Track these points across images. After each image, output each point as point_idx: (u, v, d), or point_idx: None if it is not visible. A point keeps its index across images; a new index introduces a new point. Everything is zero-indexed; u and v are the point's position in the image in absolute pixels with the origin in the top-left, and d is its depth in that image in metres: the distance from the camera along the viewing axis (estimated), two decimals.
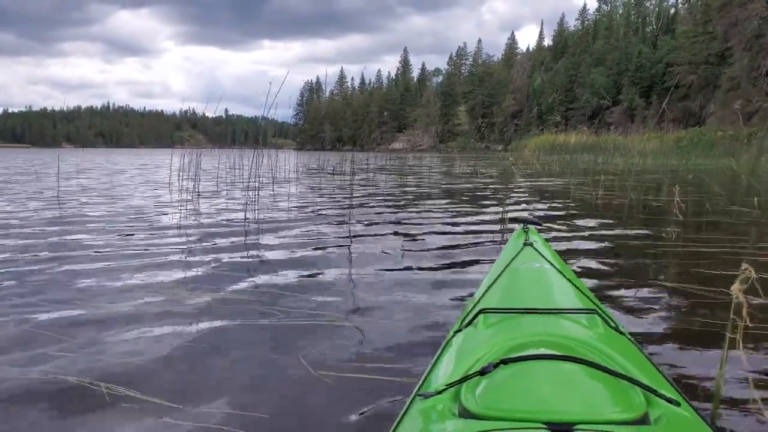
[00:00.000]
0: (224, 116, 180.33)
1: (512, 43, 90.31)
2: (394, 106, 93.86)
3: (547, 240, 2.17)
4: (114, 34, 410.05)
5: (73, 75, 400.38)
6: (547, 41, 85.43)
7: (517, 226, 2.17)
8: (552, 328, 1.16)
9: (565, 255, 3.87)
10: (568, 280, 1.54)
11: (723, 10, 35.64)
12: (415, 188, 10.46)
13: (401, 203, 7.65)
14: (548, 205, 7.58)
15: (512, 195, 9.16)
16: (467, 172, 16.65)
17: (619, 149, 23.27)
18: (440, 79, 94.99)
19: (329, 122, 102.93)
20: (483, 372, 0.90)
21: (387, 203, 7.59)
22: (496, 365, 0.90)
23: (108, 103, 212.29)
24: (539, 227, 2.25)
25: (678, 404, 0.87)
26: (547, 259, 1.69)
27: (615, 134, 36.20)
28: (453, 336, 1.31)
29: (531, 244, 1.84)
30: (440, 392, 0.94)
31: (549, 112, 63.69)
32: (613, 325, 1.26)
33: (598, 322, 1.23)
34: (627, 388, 0.87)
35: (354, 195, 8.41)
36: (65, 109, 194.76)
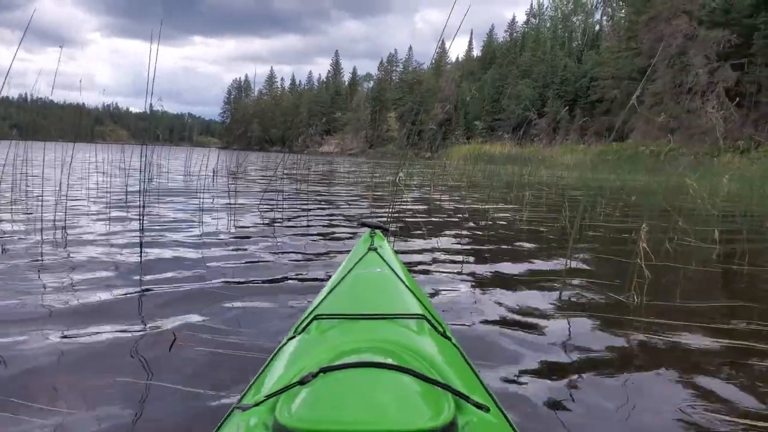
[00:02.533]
0: (149, 111, 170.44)
1: (442, 52, 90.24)
2: (324, 109, 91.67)
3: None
4: (36, 22, 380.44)
5: None
6: (476, 52, 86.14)
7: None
8: (379, 334, 1.15)
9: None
10: (405, 285, 1.52)
11: (649, 24, 35.91)
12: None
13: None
14: (456, 231, 5.73)
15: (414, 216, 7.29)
16: (385, 182, 14.78)
17: (544, 161, 22.24)
18: (371, 84, 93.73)
19: (257, 121, 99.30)
20: (302, 382, 0.87)
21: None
22: (315, 374, 0.88)
23: (26, 93, 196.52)
24: (386, 232, 2.11)
25: (488, 410, 0.87)
26: (388, 264, 1.67)
27: (539, 146, 35.76)
28: (285, 344, 1.23)
29: (375, 249, 1.80)
30: (258, 404, 0.89)
31: (475, 121, 63.50)
32: (441, 330, 1.25)
33: (425, 327, 1.23)
34: (440, 395, 0.84)
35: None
36: None
